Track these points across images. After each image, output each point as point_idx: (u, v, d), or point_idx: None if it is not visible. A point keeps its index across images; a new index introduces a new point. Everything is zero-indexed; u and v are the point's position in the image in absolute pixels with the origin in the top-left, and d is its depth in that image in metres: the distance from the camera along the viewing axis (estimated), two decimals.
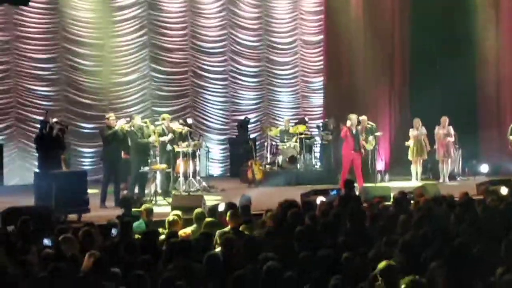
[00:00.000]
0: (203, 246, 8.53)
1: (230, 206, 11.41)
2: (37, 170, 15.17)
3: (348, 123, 18.69)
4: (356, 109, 21.25)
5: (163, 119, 17.74)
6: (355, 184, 15.16)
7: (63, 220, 12.99)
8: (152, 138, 16.47)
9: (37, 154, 16.18)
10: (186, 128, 18.13)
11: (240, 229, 10.14)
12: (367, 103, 22.35)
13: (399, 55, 23.70)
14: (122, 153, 16.35)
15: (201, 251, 8.19)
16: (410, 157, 20.31)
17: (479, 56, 23.15)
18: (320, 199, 13.40)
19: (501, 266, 7.40)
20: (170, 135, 17.38)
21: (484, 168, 21.81)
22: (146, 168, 16.18)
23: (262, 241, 8.98)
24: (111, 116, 16.23)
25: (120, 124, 15.93)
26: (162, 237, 9.68)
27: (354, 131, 18.62)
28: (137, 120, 16.47)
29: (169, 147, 17.32)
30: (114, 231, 9.99)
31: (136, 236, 9.91)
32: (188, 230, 10.40)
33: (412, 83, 23.48)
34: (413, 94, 23.10)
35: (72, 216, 13.53)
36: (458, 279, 7.17)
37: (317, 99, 24.53)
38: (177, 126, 18.01)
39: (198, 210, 11.50)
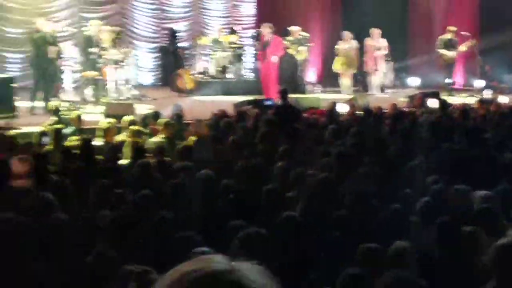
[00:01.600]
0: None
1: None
2: None
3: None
4: (288, 19, 21.18)
5: (91, 25, 17.39)
6: None
7: None
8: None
9: None
10: (114, 34, 17.77)
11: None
12: (299, 13, 22.23)
13: None
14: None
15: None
16: (338, 69, 20.34)
17: None
18: (253, 109, 13.37)
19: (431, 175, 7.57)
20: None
21: (415, 81, 22.05)
22: (77, 75, 15.92)
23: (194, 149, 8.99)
24: (38, 20, 15.80)
25: (51, 27, 15.54)
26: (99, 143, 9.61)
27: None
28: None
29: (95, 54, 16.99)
30: (45, 139, 9.82)
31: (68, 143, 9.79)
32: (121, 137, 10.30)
33: None
34: (345, 4, 23.06)
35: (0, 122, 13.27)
36: (390, 188, 7.29)
37: (249, 9, 24.25)
38: (108, 31, 17.66)
39: (129, 117, 11.41)
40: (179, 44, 22.31)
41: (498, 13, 21.27)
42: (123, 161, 8.95)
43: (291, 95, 14.38)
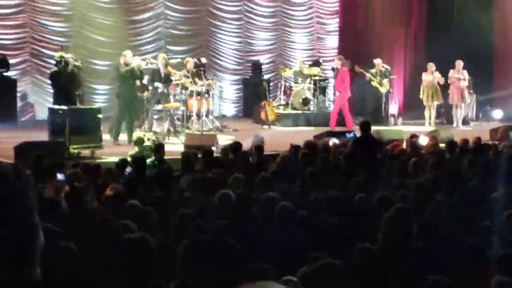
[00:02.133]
0: None
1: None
2: (51, 106, 15.17)
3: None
4: (371, 52, 21.22)
5: (158, 58, 17.64)
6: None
7: (76, 155, 13.07)
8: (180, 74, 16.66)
9: (51, 90, 16.19)
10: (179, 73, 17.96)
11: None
12: (382, 46, 22.23)
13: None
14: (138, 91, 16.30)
15: None
16: (424, 102, 20.27)
17: (497, 5, 22.99)
18: (333, 141, 13.39)
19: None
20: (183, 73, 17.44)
21: (498, 114, 21.78)
22: (160, 106, 16.19)
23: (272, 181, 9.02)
24: (127, 53, 16.17)
25: (137, 62, 15.91)
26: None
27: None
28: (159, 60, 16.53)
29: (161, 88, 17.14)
30: (128, 169, 10.03)
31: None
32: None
33: (429, 26, 23.34)
34: (429, 38, 22.96)
35: (86, 152, 13.59)
36: (469, 220, 7.20)
37: (332, 41, 24.38)
38: (191, 65, 17.96)
39: None
40: (262, 76, 22.55)
41: None
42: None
43: (374, 127, 14.34)
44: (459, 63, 20.15)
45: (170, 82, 17.20)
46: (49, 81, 16.01)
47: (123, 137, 15.58)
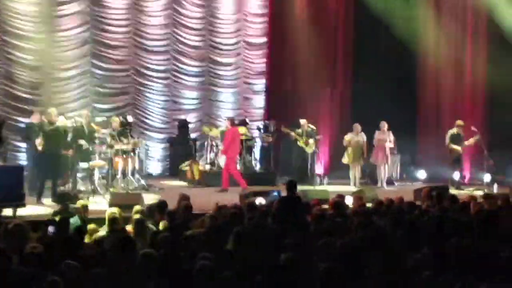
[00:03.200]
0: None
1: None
2: None
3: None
4: (297, 112, 21.47)
5: (82, 115, 17.57)
6: None
7: None
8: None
9: None
10: (104, 131, 17.90)
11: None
12: (308, 106, 22.51)
13: (342, 60, 24.02)
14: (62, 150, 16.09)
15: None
16: (347, 162, 20.49)
17: (420, 64, 23.58)
18: (259, 200, 13.39)
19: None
20: (109, 131, 17.31)
21: (422, 174, 22.20)
22: (85, 165, 16.00)
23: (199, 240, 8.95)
24: (52, 111, 16.00)
25: (62, 121, 15.75)
26: (102, 233, 9.59)
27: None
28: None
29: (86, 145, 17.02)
30: (51, 229, 9.81)
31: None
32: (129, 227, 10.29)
33: (354, 87, 23.74)
34: (355, 99, 23.34)
35: (7, 211, 13.28)
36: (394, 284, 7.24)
37: (259, 101, 24.56)
38: (116, 124, 17.87)
39: (137, 208, 11.42)
40: (189, 135, 22.52)
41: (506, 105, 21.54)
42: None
43: (300, 187, 14.38)
44: (384, 124, 20.48)
45: (94, 140, 17.08)
46: None
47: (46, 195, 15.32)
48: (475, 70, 23.44)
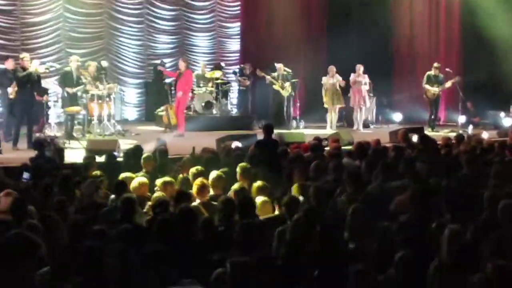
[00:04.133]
0: None
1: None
2: None
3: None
4: (272, 55, 21.39)
5: (71, 61, 17.44)
6: None
7: None
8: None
9: None
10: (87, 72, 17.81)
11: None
12: (283, 49, 22.44)
13: (317, 2, 23.85)
14: (36, 95, 15.96)
15: None
16: (325, 105, 20.50)
17: (395, 5, 23.52)
18: (235, 144, 13.42)
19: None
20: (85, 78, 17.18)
21: (397, 116, 22.31)
22: (60, 110, 15.91)
23: None
24: (25, 57, 15.83)
25: (35, 66, 15.58)
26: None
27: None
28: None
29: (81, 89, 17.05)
30: (26, 175, 9.79)
31: None
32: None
33: (329, 30, 23.68)
34: (330, 41, 23.28)
35: None
36: (369, 222, 7.30)
37: (234, 45, 24.43)
38: (93, 69, 17.73)
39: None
40: (164, 80, 22.39)
41: (480, 50, 21.65)
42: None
43: (276, 130, 14.42)
44: (359, 67, 20.46)
45: (82, 85, 17.05)
46: None
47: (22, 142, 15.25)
48: (450, 10, 23.46)
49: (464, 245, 5.94)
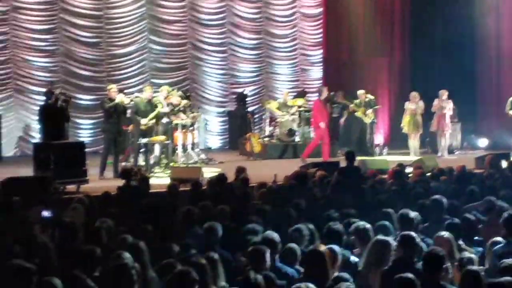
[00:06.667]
0: None
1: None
2: (35, 141, 15.08)
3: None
4: (355, 82, 21.38)
5: (161, 90, 17.70)
6: None
7: (61, 190, 12.99)
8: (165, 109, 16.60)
9: (36, 125, 16.04)
10: (184, 101, 18.09)
11: None
12: (366, 76, 22.38)
13: (399, 28, 23.76)
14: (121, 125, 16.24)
15: None
16: (406, 131, 20.26)
17: (480, 32, 23.15)
18: (318, 172, 13.39)
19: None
20: (169, 107, 17.35)
21: (483, 142, 21.91)
22: (145, 140, 16.13)
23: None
24: (112, 88, 16.16)
25: (120, 98, 15.88)
26: None
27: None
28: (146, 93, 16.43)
29: (165, 119, 17.24)
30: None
31: None
32: None
33: (412, 56, 23.50)
34: (413, 67, 23.10)
35: (71, 187, 13.50)
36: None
37: (316, 72, 24.49)
38: (177, 99, 17.93)
39: None
40: (247, 108, 22.59)
41: None
42: None
43: (359, 158, 14.39)
44: (443, 93, 20.19)
45: (175, 112, 17.35)
46: (35, 116, 15.91)
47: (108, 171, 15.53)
48: None
49: None
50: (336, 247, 6.89)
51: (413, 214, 8.23)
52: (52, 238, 7.77)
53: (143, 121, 16.01)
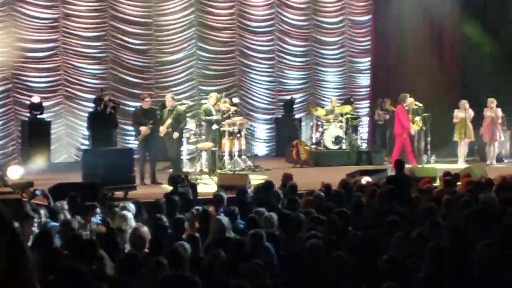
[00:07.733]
0: None
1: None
2: (84, 147, 15.24)
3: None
4: (403, 90, 21.14)
5: (210, 97, 17.76)
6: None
7: (110, 196, 13.09)
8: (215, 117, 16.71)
9: (84, 132, 16.19)
10: (233, 108, 18.16)
11: None
12: (414, 84, 22.17)
13: (448, 36, 23.50)
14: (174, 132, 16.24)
15: None
16: (455, 139, 20.14)
17: None
18: (365, 179, 13.31)
19: None
20: (218, 115, 17.43)
21: None
22: (192, 147, 16.21)
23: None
24: (171, 96, 16.36)
25: (171, 104, 16.00)
26: None
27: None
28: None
29: (215, 126, 17.32)
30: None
31: None
32: None
33: (462, 61, 23.27)
34: (462, 75, 22.87)
35: (119, 193, 13.61)
36: (505, 259, 7.10)
37: (364, 79, 24.40)
38: (226, 106, 18.00)
39: None
40: (294, 115, 22.58)
41: None
42: None
43: (407, 165, 14.29)
44: (492, 101, 20.00)
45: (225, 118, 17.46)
46: (84, 123, 16.06)
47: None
48: None
49: None
50: None
51: None
52: None
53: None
